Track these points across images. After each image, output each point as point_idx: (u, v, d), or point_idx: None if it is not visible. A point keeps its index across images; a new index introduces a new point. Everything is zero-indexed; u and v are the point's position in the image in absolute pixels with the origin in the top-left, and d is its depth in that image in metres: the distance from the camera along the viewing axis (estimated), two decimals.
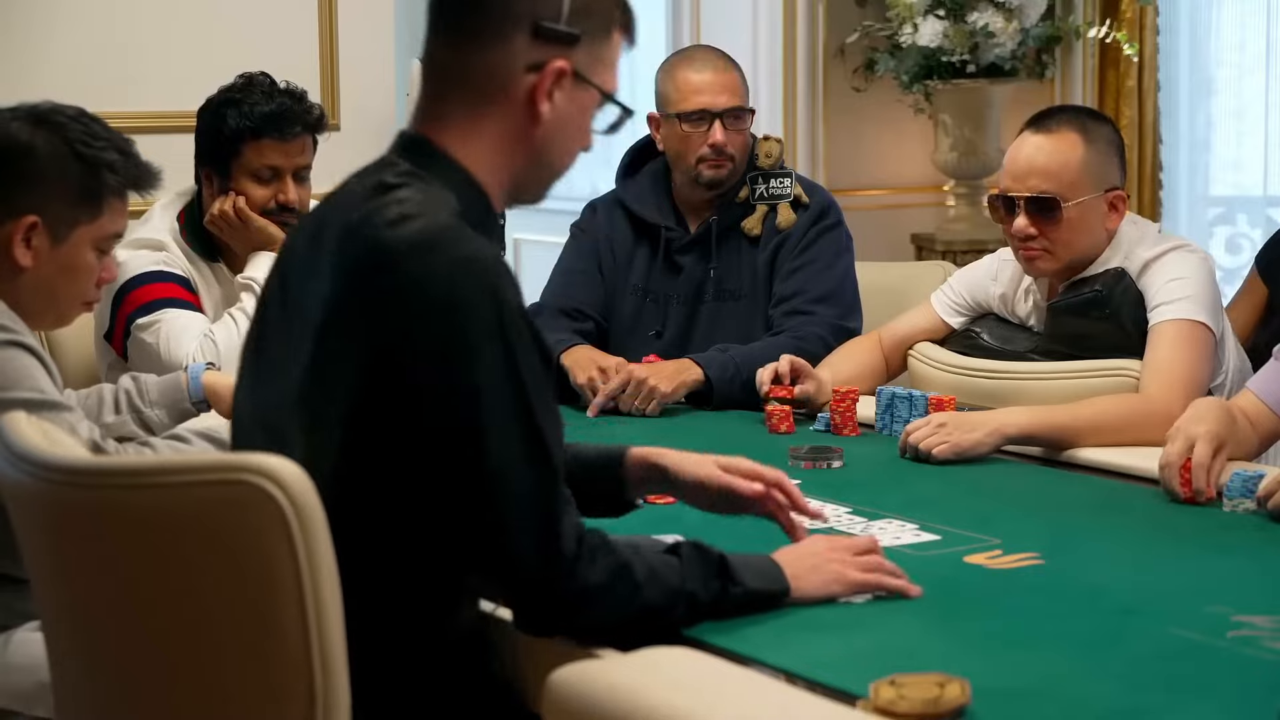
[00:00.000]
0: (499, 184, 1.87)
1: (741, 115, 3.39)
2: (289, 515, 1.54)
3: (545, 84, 1.82)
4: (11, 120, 2.38)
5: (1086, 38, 5.81)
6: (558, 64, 1.82)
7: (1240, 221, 6.08)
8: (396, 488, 1.73)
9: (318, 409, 1.74)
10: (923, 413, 2.79)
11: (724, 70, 3.40)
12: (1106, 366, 2.85)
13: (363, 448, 1.72)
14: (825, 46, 5.92)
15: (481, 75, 1.83)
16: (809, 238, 3.38)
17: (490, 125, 1.84)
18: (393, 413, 1.70)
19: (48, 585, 1.77)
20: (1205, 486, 2.33)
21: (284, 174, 3.32)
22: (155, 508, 1.59)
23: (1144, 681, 1.65)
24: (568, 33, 1.82)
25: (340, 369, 1.72)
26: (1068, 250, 2.91)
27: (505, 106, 1.83)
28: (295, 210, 3.32)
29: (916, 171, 6.15)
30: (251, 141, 3.29)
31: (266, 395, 1.83)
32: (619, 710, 1.36)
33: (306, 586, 1.55)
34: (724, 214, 3.43)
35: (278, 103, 3.31)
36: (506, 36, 1.81)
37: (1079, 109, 3.20)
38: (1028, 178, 2.91)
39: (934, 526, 2.22)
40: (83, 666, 1.74)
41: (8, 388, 2.24)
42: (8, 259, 2.35)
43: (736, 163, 3.40)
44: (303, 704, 1.56)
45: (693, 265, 3.44)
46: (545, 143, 1.86)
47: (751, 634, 1.79)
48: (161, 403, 2.70)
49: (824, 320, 3.29)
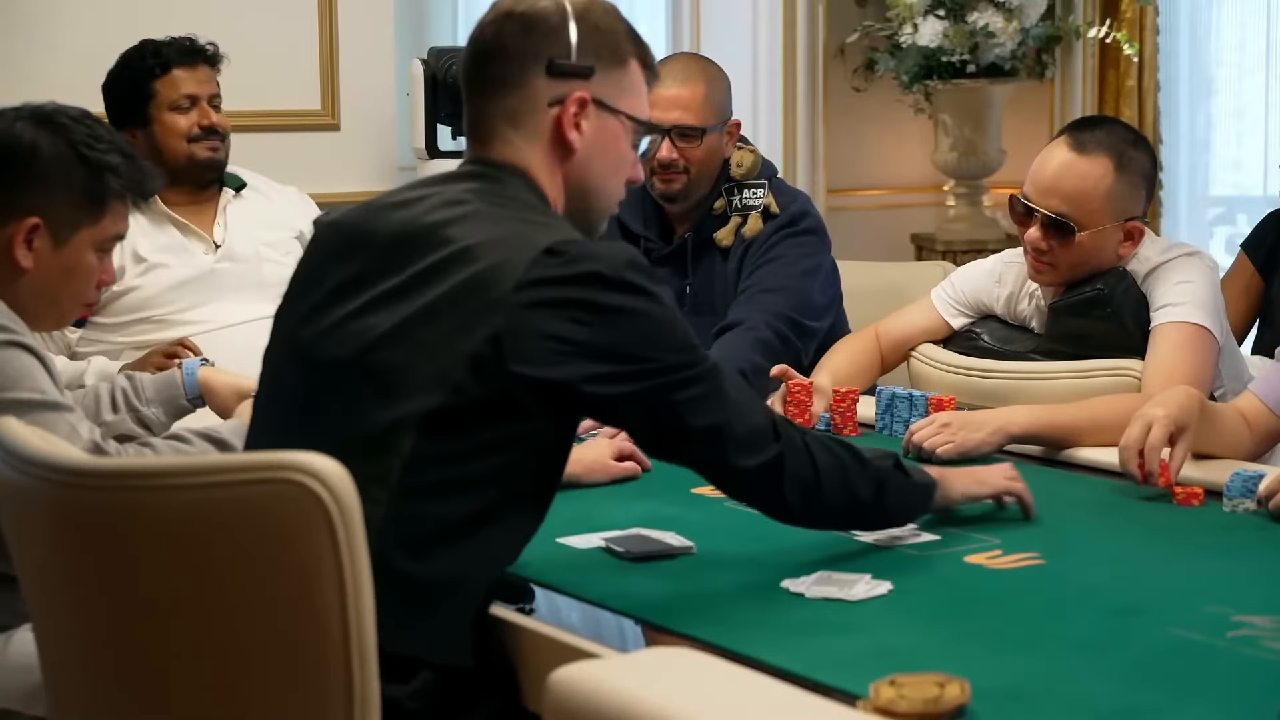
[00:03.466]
0: (555, 206, 1.99)
1: (690, 135, 3.32)
2: (333, 512, 1.54)
3: (569, 112, 1.96)
4: (15, 121, 2.38)
5: (1086, 38, 5.82)
6: (577, 95, 1.96)
7: (1240, 221, 6.08)
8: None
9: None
10: (923, 413, 2.79)
11: (683, 85, 3.33)
12: (1107, 366, 2.85)
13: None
14: (825, 46, 5.92)
15: (515, 115, 1.97)
16: (771, 242, 3.33)
17: (536, 154, 1.97)
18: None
19: (49, 589, 1.76)
20: (1155, 469, 2.34)
21: (200, 100, 3.60)
22: (191, 508, 1.58)
23: (1144, 681, 1.65)
24: (580, 66, 1.96)
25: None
26: (1072, 270, 2.91)
27: (542, 139, 1.97)
28: (220, 134, 3.61)
29: (916, 171, 6.16)
30: (163, 76, 3.59)
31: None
32: (619, 710, 1.36)
33: (349, 584, 1.56)
34: (700, 227, 3.41)
35: (174, 43, 3.62)
36: (528, 77, 1.96)
37: (1121, 129, 3.04)
38: (1050, 195, 2.88)
39: (934, 526, 2.22)
40: (87, 672, 1.73)
41: (8, 388, 2.24)
42: (9, 260, 2.35)
43: (692, 176, 3.35)
44: (340, 703, 1.57)
45: (670, 278, 3.39)
46: (584, 170, 1.99)
47: (751, 634, 1.80)
48: (158, 400, 2.70)
49: (768, 307, 3.22)
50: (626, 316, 1.82)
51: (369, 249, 1.91)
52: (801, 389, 2.90)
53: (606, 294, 1.81)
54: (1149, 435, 2.35)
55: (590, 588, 1.97)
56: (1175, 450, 2.36)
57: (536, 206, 1.94)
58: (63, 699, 1.81)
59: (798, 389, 2.90)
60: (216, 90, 3.66)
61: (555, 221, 1.93)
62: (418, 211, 1.91)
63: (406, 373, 1.80)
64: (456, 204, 1.91)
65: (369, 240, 1.92)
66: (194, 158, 3.59)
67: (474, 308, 1.80)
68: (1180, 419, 2.37)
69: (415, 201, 1.94)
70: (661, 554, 2.10)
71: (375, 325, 1.84)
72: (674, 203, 3.41)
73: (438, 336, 1.81)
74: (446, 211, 1.89)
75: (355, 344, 1.85)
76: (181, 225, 3.57)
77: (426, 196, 1.94)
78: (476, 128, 2.00)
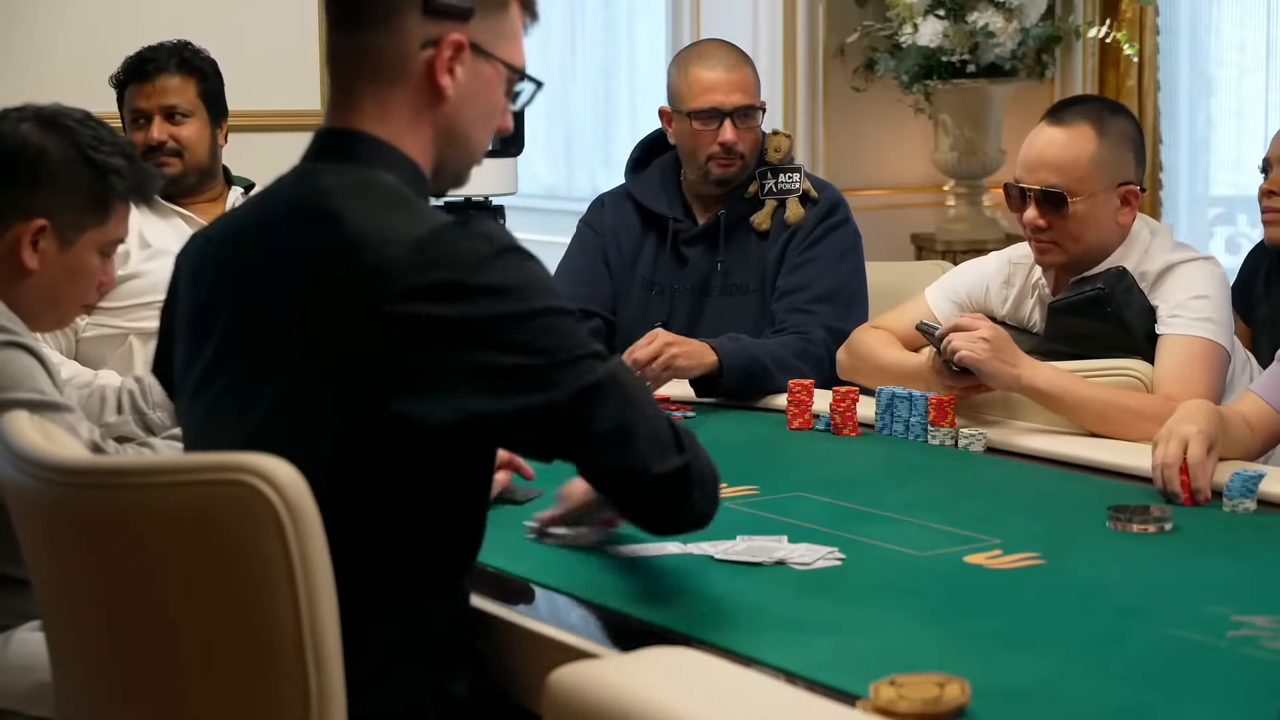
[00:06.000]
0: (423, 165, 1.87)
1: (752, 114, 3.41)
2: (283, 515, 1.53)
3: (443, 57, 1.81)
4: (20, 122, 2.38)
5: (1086, 37, 5.82)
6: (453, 37, 1.81)
7: (1240, 221, 6.09)
8: (402, 482, 1.73)
9: (314, 408, 1.73)
10: (923, 413, 2.79)
11: (735, 68, 3.42)
12: (1109, 366, 2.85)
13: (365, 446, 1.72)
14: (825, 46, 5.93)
15: (381, 56, 1.82)
16: (816, 234, 3.40)
17: (399, 106, 1.83)
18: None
19: (48, 585, 1.77)
20: (1205, 485, 2.34)
21: (151, 115, 3.55)
22: (150, 507, 1.59)
23: (1144, 681, 1.65)
24: (459, 6, 1.81)
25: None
26: (1076, 244, 2.91)
27: (409, 85, 1.82)
28: (165, 148, 3.54)
29: (916, 171, 6.16)
30: (123, 93, 3.58)
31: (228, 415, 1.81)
32: (619, 710, 1.36)
33: (300, 585, 1.54)
34: (732, 208, 3.45)
35: (146, 52, 3.57)
36: (399, 15, 1.80)
37: (1097, 100, 3.17)
38: (1038, 170, 2.92)
39: (934, 527, 2.22)
40: (82, 666, 1.74)
41: (8, 388, 2.24)
42: (15, 261, 2.35)
43: (746, 160, 3.43)
44: (298, 705, 1.56)
45: (699, 258, 3.45)
46: (454, 119, 1.85)
47: (751, 634, 1.80)
48: (164, 404, 2.70)
49: (824, 321, 3.30)
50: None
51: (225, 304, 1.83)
52: (802, 389, 2.91)
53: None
54: (1189, 452, 2.34)
55: (590, 588, 1.97)
56: (1208, 462, 2.36)
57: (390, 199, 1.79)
58: (64, 697, 1.82)
59: (798, 389, 2.91)
60: (176, 100, 3.54)
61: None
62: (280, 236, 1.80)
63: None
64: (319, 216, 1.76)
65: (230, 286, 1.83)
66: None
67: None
68: (1212, 434, 2.37)
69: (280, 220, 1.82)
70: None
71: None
72: (726, 185, 3.44)
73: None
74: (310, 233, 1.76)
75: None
76: (188, 218, 3.57)
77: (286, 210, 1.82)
78: (335, 73, 1.86)
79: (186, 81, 3.57)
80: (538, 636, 1.83)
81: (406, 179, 1.82)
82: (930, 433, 2.79)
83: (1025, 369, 2.76)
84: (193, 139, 3.57)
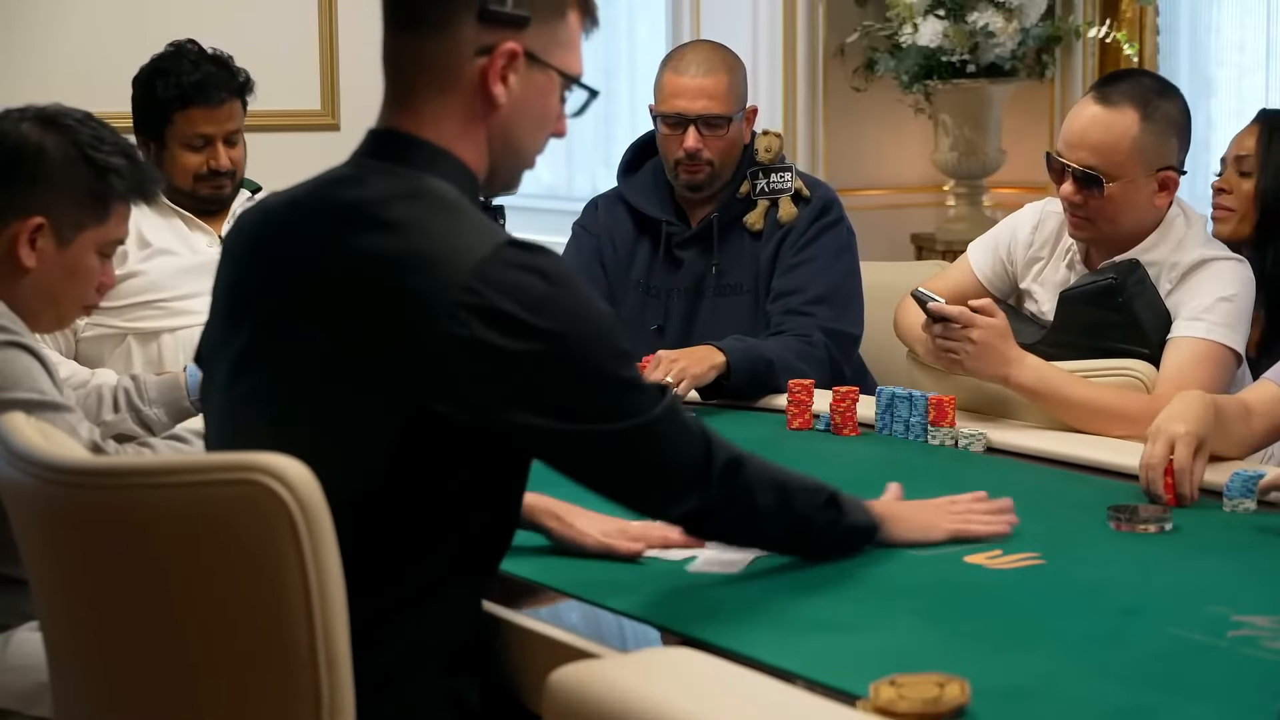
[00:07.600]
0: (476, 170, 1.87)
1: (718, 123, 3.36)
2: (296, 515, 1.53)
3: (496, 66, 1.80)
4: (20, 121, 2.38)
5: (1086, 37, 5.81)
6: (508, 46, 1.80)
7: None
8: (429, 488, 1.73)
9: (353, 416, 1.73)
10: (923, 413, 2.79)
11: (708, 74, 3.37)
12: (1110, 366, 2.84)
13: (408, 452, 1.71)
14: (825, 46, 5.92)
15: (435, 62, 1.82)
16: (810, 234, 3.38)
17: (453, 112, 1.83)
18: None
19: (47, 586, 1.76)
20: (1188, 490, 2.32)
21: (215, 140, 3.51)
22: (161, 507, 1.59)
23: (1144, 681, 1.65)
24: (515, 15, 1.80)
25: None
26: (1110, 224, 2.92)
27: (462, 92, 1.82)
28: (228, 174, 3.53)
29: (916, 171, 6.15)
30: (181, 111, 3.48)
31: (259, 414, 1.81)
32: (619, 710, 1.36)
33: (313, 586, 1.54)
34: (725, 209, 3.44)
35: (203, 71, 3.49)
36: (454, 21, 1.80)
37: (1148, 79, 3.09)
38: (1078, 148, 2.90)
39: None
40: (81, 667, 1.74)
41: (8, 388, 2.24)
42: (12, 259, 2.35)
43: (716, 168, 3.39)
44: (309, 704, 1.56)
45: (693, 260, 3.44)
46: (507, 126, 1.85)
47: (751, 634, 1.80)
48: (160, 401, 2.70)
49: (821, 323, 3.29)
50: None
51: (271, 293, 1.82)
52: (802, 389, 2.92)
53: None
54: (1175, 455, 2.32)
55: (590, 588, 1.97)
56: (1195, 464, 2.33)
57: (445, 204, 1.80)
58: (62, 698, 1.82)
59: (798, 389, 2.92)
60: (237, 126, 3.55)
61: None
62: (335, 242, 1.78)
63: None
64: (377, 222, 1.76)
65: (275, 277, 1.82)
66: (196, 194, 3.55)
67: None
68: (1201, 433, 2.34)
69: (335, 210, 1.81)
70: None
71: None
72: (697, 192, 3.43)
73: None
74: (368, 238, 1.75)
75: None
76: (187, 219, 3.57)
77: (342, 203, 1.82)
78: (390, 74, 1.87)
79: (239, 104, 3.57)
80: (538, 636, 1.83)
81: (459, 184, 1.82)
82: (930, 433, 2.79)
83: (1014, 367, 2.74)
84: (241, 159, 3.59)
